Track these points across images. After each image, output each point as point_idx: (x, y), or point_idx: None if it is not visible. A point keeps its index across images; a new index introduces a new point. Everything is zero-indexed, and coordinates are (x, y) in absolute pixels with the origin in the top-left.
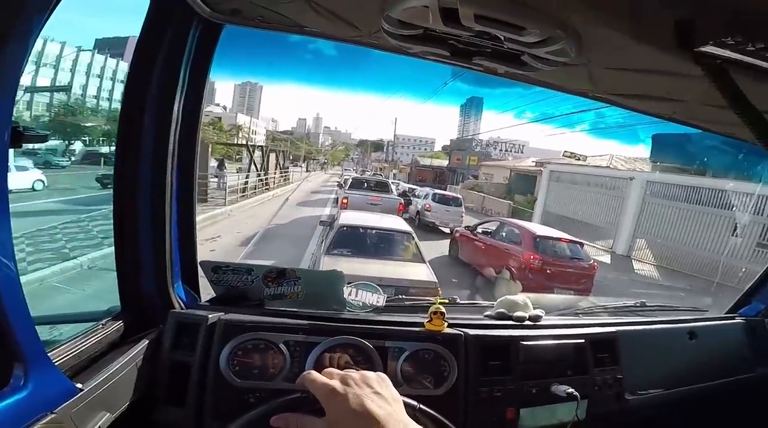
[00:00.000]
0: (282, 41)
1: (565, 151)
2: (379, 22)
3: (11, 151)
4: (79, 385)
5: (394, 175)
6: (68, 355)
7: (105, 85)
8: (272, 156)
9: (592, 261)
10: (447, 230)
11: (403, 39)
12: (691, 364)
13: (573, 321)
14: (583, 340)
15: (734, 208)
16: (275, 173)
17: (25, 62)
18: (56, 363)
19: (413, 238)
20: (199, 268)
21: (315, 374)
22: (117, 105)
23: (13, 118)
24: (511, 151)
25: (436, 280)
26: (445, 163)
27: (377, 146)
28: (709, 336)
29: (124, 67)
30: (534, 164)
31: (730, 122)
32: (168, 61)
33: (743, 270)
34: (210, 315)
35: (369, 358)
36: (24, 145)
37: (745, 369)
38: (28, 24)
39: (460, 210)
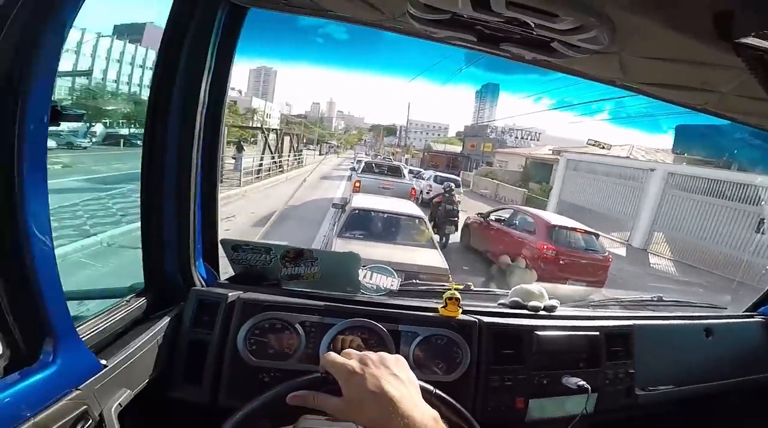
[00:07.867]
0: (294, 23)
1: (589, 140)
2: (405, 6)
3: None
4: (103, 361)
5: (407, 160)
6: (94, 331)
7: (124, 69)
8: (286, 139)
9: (607, 253)
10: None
11: (428, 23)
12: (706, 362)
13: (588, 313)
14: (597, 333)
15: (762, 204)
16: (289, 156)
17: (62, 47)
18: (83, 339)
19: (425, 223)
20: (219, 247)
21: (334, 355)
22: (136, 89)
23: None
24: (527, 139)
25: (447, 267)
26: (458, 149)
27: (390, 131)
28: (726, 334)
29: (142, 52)
30: (550, 152)
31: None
32: (196, 44)
33: (767, 268)
34: (230, 294)
35: (382, 341)
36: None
37: (762, 369)
38: (66, 12)
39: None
